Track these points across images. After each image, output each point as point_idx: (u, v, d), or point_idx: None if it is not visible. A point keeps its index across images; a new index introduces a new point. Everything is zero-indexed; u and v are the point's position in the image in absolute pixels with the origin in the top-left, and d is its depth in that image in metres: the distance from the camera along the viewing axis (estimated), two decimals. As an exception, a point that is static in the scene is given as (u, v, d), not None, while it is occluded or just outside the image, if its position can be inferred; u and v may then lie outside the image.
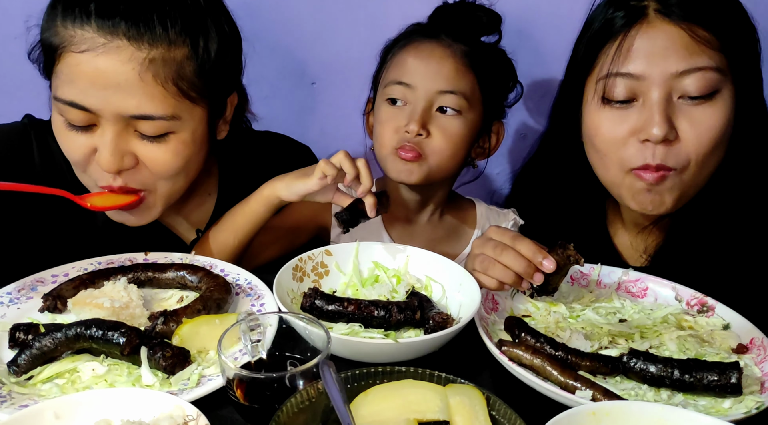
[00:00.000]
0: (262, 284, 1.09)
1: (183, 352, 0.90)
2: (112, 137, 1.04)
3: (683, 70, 1.04)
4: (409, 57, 1.25)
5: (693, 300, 1.09)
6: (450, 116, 1.24)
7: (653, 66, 1.05)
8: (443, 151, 1.25)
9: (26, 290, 1.06)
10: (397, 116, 1.25)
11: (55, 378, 0.88)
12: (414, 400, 0.76)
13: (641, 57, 1.06)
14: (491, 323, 1.03)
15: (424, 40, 1.27)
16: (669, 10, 1.05)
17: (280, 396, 0.76)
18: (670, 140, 1.07)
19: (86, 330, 0.89)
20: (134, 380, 0.87)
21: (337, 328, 1.00)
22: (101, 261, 1.14)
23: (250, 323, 0.87)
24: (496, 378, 0.94)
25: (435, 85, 1.22)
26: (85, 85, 1.01)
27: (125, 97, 1.01)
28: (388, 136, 1.26)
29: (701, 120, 1.06)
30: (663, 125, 1.05)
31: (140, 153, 1.08)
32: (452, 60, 1.24)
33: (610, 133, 1.12)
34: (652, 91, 1.06)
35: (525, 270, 1.00)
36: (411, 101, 1.24)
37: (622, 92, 1.08)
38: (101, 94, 1.01)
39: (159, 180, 1.12)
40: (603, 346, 0.99)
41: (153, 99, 1.02)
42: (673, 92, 1.06)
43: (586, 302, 1.11)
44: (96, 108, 1.02)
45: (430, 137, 1.24)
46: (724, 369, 0.86)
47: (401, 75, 1.25)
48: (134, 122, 1.05)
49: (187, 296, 1.09)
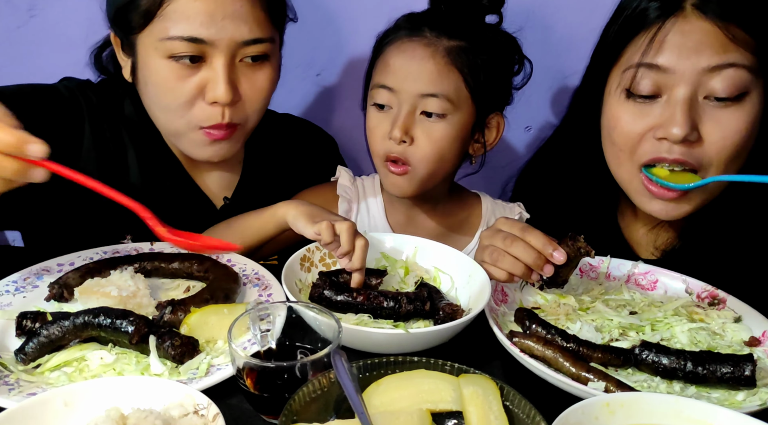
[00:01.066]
0: (269, 275, 1.08)
1: (192, 341, 0.89)
2: (224, 68, 1.12)
3: (714, 66, 1.01)
4: (392, 58, 1.21)
5: (704, 293, 1.08)
6: (434, 121, 1.19)
7: (684, 59, 1.03)
8: (429, 157, 1.21)
9: (32, 278, 1.05)
10: (383, 122, 1.22)
11: (63, 366, 0.87)
12: (427, 390, 0.76)
13: (673, 50, 1.04)
14: (501, 314, 1.02)
15: (406, 38, 1.21)
16: (706, 6, 1.03)
17: (290, 386, 0.76)
18: (691, 141, 1.04)
19: (94, 319, 0.88)
20: (143, 369, 0.86)
21: (346, 319, 0.99)
22: (107, 250, 1.14)
23: (259, 312, 0.86)
24: (507, 369, 0.94)
25: (416, 87, 1.17)
26: (203, 18, 1.09)
27: (240, 24, 1.11)
28: (377, 143, 1.24)
29: (727, 123, 1.04)
30: (685, 124, 1.02)
31: (243, 84, 1.17)
32: (433, 60, 1.18)
33: (628, 126, 1.10)
34: (679, 88, 1.04)
35: (535, 262, 1.00)
36: (395, 105, 1.20)
37: (647, 86, 1.06)
38: (219, 25, 1.10)
39: (252, 112, 1.21)
40: (614, 338, 0.98)
41: (261, 23, 1.15)
42: (700, 91, 1.04)
43: (595, 295, 1.10)
44: (214, 38, 1.10)
45: (415, 143, 1.20)
46: (737, 361, 0.85)
47: (385, 78, 1.21)
48: (242, 50, 1.14)
49: (194, 286, 1.08)
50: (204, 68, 1.13)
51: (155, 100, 1.18)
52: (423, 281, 1.10)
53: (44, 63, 1.60)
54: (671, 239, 1.23)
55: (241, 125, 1.20)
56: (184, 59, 1.11)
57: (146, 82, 1.17)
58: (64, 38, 1.58)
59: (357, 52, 1.60)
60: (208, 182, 1.37)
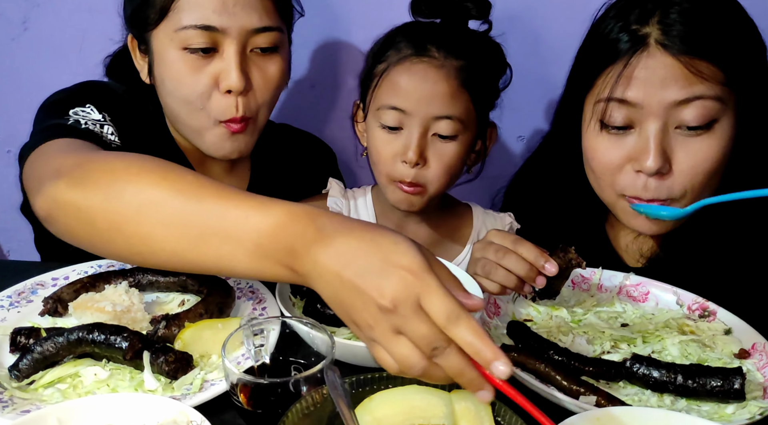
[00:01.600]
0: (263, 288, 1.09)
1: (186, 357, 0.89)
2: (236, 56, 1.15)
3: (681, 100, 1.02)
4: (402, 79, 1.18)
5: (694, 305, 1.09)
6: (446, 142, 1.21)
7: (651, 96, 1.04)
8: (441, 177, 1.23)
9: (26, 293, 1.06)
10: (393, 142, 1.21)
11: (56, 382, 0.87)
12: (419, 406, 0.76)
13: (640, 85, 1.04)
14: (494, 327, 1.03)
15: (415, 58, 1.18)
16: (669, 41, 1.03)
17: (284, 402, 0.76)
18: (663, 173, 1.06)
19: (88, 335, 0.88)
20: (137, 385, 0.87)
21: (340, 332, 1.00)
22: (101, 264, 1.14)
23: (253, 327, 0.86)
24: (499, 382, 0.94)
25: (430, 110, 1.17)
26: (216, 6, 1.13)
27: (250, 11, 1.15)
28: (387, 164, 1.23)
29: (697, 151, 1.05)
30: (657, 158, 1.04)
31: (254, 73, 1.19)
32: (446, 83, 1.17)
33: (605, 157, 1.11)
34: (649, 121, 1.05)
35: (527, 274, 1.00)
36: (406, 126, 1.20)
37: (619, 118, 1.07)
38: (231, 12, 1.13)
39: (263, 104, 1.22)
40: (605, 351, 0.99)
41: (269, 12, 1.18)
42: (670, 123, 1.05)
43: (587, 307, 1.11)
44: (225, 25, 1.14)
45: (428, 165, 1.21)
46: (727, 375, 0.86)
47: (395, 99, 1.19)
48: (252, 38, 1.17)
49: (188, 300, 1.08)
50: (216, 59, 1.16)
51: (175, 95, 1.20)
52: (416, 294, 1.10)
53: (39, 75, 1.60)
54: (655, 247, 1.24)
55: (252, 118, 1.22)
56: (197, 51, 1.14)
57: (163, 79, 1.20)
58: (58, 51, 1.58)
59: (351, 64, 1.61)
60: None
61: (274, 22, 1.19)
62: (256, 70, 1.19)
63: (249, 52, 1.18)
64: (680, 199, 1.09)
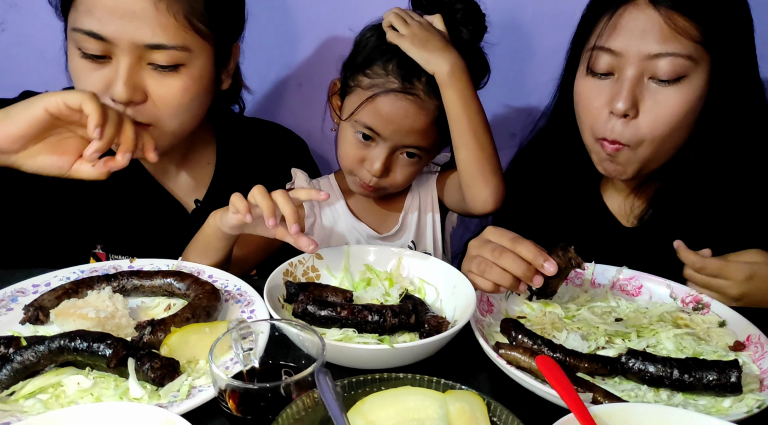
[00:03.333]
0: (251, 290, 1.06)
1: (172, 363, 0.87)
2: (125, 68, 1.11)
3: (656, 54, 1.10)
4: (385, 108, 1.25)
5: (688, 298, 1.08)
6: (411, 159, 1.32)
7: (630, 46, 1.12)
8: (401, 184, 1.36)
9: (6, 301, 1.03)
10: (362, 151, 1.31)
11: (38, 393, 0.85)
12: (413, 407, 0.74)
13: (622, 35, 1.13)
14: (487, 325, 1.01)
15: (401, 94, 1.24)
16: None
17: (274, 407, 0.74)
18: (629, 116, 1.14)
19: (70, 343, 0.86)
20: (122, 393, 0.84)
21: (330, 334, 0.98)
22: (84, 269, 1.11)
23: (241, 331, 0.84)
24: (494, 381, 0.93)
25: (402, 140, 1.28)
26: (102, 14, 1.08)
27: (141, 25, 1.09)
28: (352, 165, 1.33)
29: (663, 102, 1.13)
30: (627, 101, 1.12)
31: (151, 87, 1.14)
32: (423, 121, 1.26)
33: (587, 100, 1.19)
34: (627, 69, 1.13)
35: (524, 274, 0.99)
36: (378, 143, 1.29)
37: (602, 65, 1.16)
38: (118, 23, 1.08)
39: (166, 116, 1.17)
40: (600, 346, 0.98)
41: (166, 29, 1.11)
42: (645, 72, 1.12)
43: (581, 302, 1.10)
44: (113, 37, 1.09)
45: (390, 176, 1.33)
46: (723, 368, 0.85)
47: (373, 122, 1.26)
48: (148, 53, 1.12)
49: (174, 304, 1.06)
50: (109, 66, 1.13)
51: (75, 88, 1.18)
52: (408, 293, 1.09)
53: (16, 77, 1.57)
54: (644, 206, 1.30)
55: (153, 125, 1.17)
56: (89, 56, 1.12)
57: (69, 72, 1.18)
58: (35, 52, 1.55)
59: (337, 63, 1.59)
60: (176, 187, 1.36)
61: (173, 40, 1.12)
62: (154, 84, 1.15)
63: (146, 64, 1.13)
64: (639, 146, 1.16)
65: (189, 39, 1.14)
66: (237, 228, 1.11)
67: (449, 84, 1.20)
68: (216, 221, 1.13)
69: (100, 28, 1.09)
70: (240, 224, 1.08)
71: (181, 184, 1.36)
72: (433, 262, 1.13)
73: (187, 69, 1.16)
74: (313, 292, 1.05)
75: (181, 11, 1.12)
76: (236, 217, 1.06)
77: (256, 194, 1.04)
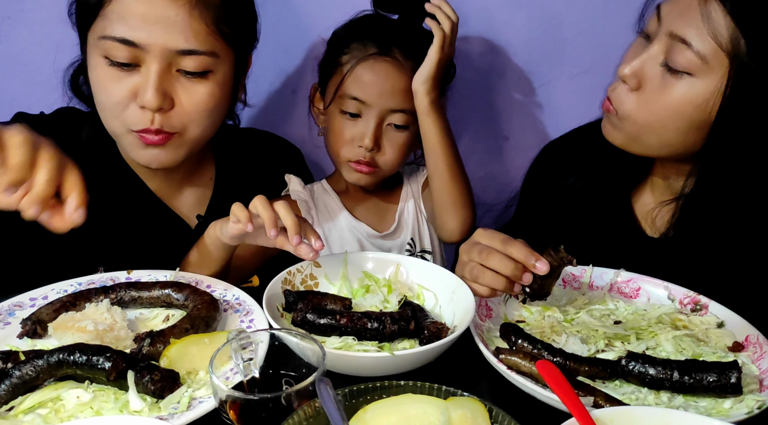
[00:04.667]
0: (250, 300, 1.06)
1: (172, 374, 0.87)
2: (155, 75, 1.11)
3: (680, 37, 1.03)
4: (366, 75, 1.31)
5: (686, 299, 1.09)
6: (399, 131, 1.35)
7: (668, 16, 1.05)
8: (394, 161, 1.38)
9: (3, 315, 1.02)
10: (351, 129, 1.35)
11: (37, 408, 0.84)
12: (414, 415, 0.74)
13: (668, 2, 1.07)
14: (486, 330, 1.02)
15: (380, 58, 1.31)
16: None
17: (275, 417, 0.74)
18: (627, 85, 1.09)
19: (69, 356, 0.85)
20: (122, 406, 0.83)
21: (330, 342, 0.98)
22: (81, 282, 1.10)
23: (241, 341, 0.84)
24: (494, 386, 0.93)
25: (387, 104, 1.32)
26: (136, 21, 1.09)
27: (174, 31, 1.10)
28: (344, 147, 1.36)
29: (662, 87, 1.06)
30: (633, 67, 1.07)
31: (179, 94, 1.15)
32: (403, 81, 1.30)
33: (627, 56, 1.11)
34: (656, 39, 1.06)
35: (513, 273, 0.99)
36: (365, 115, 1.33)
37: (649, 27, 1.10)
38: (152, 29, 1.09)
39: (191, 122, 1.18)
40: (599, 349, 0.98)
41: (198, 35, 1.12)
42: (666, 50, 1.05)
43: (579, 305, 1.10)
44: (146, 43, 1.10)
45: (382, 151, 1.36)
46: (723, 369, 0.85)
47: (357, 91, 1.31)
48: (178, 59, 1.13)
49: (173, 315, 1.05)
50: (138, 73, 1.13)
51: (96, 99, 1.18)
52: (407, 299, 1.09)
53: (12, 88, 1.57)
54: (670, 219, 1.19)
55: (178, 133, 1.18)
56: (117, 64, 1.11)
57: (91, 82, 1.17)
58: (32, 63, 1.55)
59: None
60: (179, 203, 1.35)
61: (204, 46, 1.13)
62: (183, 91, 1.15)
63: (175, 71, 1.14)
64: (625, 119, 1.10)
65: (217, 45, 1.16)
66: (237, 238, 1.11)
67: (430, 113, 1.28)
68: (216, 231, 1.13)
69: (132, 34, 1.09)
70: (240, 233, 1.08)
71: (184, 200, 1.36)
72: (432, 268, 1.13)
73: (214, 75, 1.18)
74: (312, 300, 1.04)
75: (212, 18, 1.14)
76: (237, 227, 1.06)
77: (257, 204, 1.04)
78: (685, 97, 1.05)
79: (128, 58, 1.11)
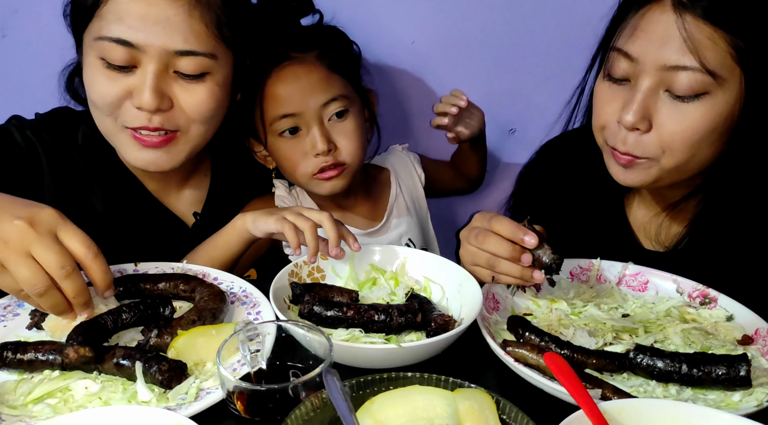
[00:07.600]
0: (257, 292, 1.06)
1: (179, 365, 0.87)
2: (152, 75, 1.10)
3: (673, 65, 0.98)
4: (282, 88, 1.28)
5: (694, 292, 1.08)
6: (343, 120, 1.32)
7: (647, 52, 1.01)
8: (355, 150, 1.34)
9: (12, 307, 1.03)
10: (298, 144, 1.31)
11: (46, 398, 0.85)
12: (422, 407, 0.74)
13: (641, 39, 1.02)
14: (493, 323, 1.01)
15: (286, 64, 1.29)
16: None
17: (282, 408, 0.74)
18: (641, 130, 1.03)
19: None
20: (130, 396, 0.84)
21: (337, 334, 0.98)
22: (89, 275, 1.11)
23: (248, 333, 0.84)
24: (502, 378, 0.93)
25: (317, 101, 1.29)
26: (134, 21, 1.07)
27: (173, 32, 1.08)
28: (301, 164, 1.32)
29: (679, 118, 1.01)
30: (637, 114, 1.02)
31: (177, 95, 1.14)
32: (316, 73, 1.29)
33: (600, 104, 1.10)
34: (642, 77, 1.02)
35: (511, 254, 0.98)
36: (303, 126, 1.30)
37: (618, 70, 1.05)
38: (150, 29, 1.08)
39: (192, 122, 1.17)
40: (607, 342, 0.97)
41: (198, 36, 1.11)
42: (661, 84, 1.01)
43: (587, 298, 1.09)
44: (143, 43, 1.08)
45: (338, 147, 1.32)
46: (732, 362, 0.85)
47: (284, 108, 1.28)
48: (175, 60, 1.11)
49: (180, 307, 1.05)
50: (134, 75, 1.11)
51: (89, 99, 1.17)
52: (414, 292, 1.08)
53: (17, 84, 1.57)
54: (678, 235, 1.18)
55: (180, 132, 1.17)
56: (114, 66, 1.10)
57: (85, 82, 1.17)
58: (36, 59, 1.55)
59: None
60: (176, 202, 1.35)
61: (203, 47, 1.12)
62: (181, 91, 1.14)
63: (172, 72, 1.12)
64: (657, 159, 1.05)
65: (217, 47, 1.14)
66: (269, 235, 1.14)
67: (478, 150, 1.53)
68: (246, 223, 1.14)
69: (130, 35, 1.07)
70: (275, 231, 1.11)
71: (182, 199, 1.36)
72: (439, 260, 1.13)
73: (212, 76, 1.16)
74: (318, 293, 1.05)
75: (211, 19, 1.12)
76: (276, 227, 1.09)
77: (308, 234, 1.07)
78: (707, 115, 1.00)
79: (125, 60, 1.09)
